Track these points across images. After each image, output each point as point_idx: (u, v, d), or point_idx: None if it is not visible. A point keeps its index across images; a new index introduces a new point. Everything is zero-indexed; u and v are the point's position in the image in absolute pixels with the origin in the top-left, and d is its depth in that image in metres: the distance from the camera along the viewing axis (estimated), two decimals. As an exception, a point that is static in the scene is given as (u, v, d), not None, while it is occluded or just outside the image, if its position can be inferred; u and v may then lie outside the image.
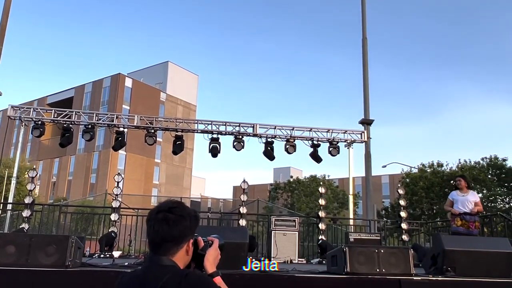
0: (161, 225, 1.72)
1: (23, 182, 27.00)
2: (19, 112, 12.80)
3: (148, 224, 1.77)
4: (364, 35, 15.71)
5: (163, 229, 1.72)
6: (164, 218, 1.74)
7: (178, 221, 1.74)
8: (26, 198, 10.42)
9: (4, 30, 13.84)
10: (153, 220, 1.75)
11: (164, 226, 1.72)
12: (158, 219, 1.74)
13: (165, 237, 1.72)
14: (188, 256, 1.78)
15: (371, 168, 14.63)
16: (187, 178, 63.11)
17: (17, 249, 4.45)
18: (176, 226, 1.73)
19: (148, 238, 1.76)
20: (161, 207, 1.79)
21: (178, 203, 1.83)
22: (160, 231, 1.72)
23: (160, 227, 1.72)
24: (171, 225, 1.72)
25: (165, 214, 1.75)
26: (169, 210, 1.76)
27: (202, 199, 57.13)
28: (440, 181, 32.18)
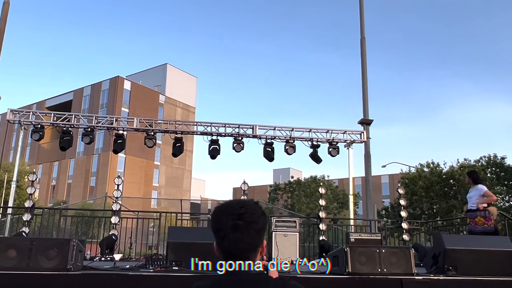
0: (248, 233, 1.57)
1: (22, 186, 26.98)
2: (18, 116, 12.78)
3: (224, 232, 1.57)
4: (363, 35, 15.72)
5: (250, 236, 1.57)
6: (250, 222, 1.59)
7: (262, 224, 1.63)
8: (26, 202, 10.40)
9: (3, 34, 13.84)
10: (235, 228, 1.56)
11: (252, 232, 1.58)
12: (242, 226, 1.57)
13: (253, 244, 1.59)
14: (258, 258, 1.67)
15: (371, 168, 14.65)
16: (187, 180, 63.11)
17: (18, 253, 4.44)
18: (261, 230, 1.62)
19: (228, 248, 1.58)
20: (241, 213, 1.59)
21: (246, 202, 1.67)
22: (246, 239, 1.57)
23: (246, 235, 1.57)
24: (257, 230, 1.60)
25: (247, 219, 1.59)
26: (249, 215, 1.60)
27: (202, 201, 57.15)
28: (439, 180, 32.20)
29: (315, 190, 37.22)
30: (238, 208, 1.60)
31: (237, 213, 1.58)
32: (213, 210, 1.66)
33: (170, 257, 5.12)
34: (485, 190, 8.27)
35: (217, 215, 1.63)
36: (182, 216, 15.79)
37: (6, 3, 14.07)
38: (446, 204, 30.62)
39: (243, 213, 1.58)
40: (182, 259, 5.03)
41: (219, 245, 1.60)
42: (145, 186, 55.58)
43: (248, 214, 1.59)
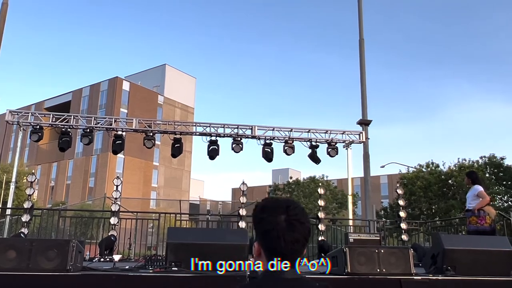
0: (304, 233, 1.49)
1: (21, 187, 26.95)
2: (17, 117, 12.78)
3: (279, 233, 1.46)
4: (361, 36, 15.75)
5: (304, 236, 1.49)
6: (304, 222, 1.50)
7: (310, 224, 1.55)
8: (25, 202, 10.40)
9: (1, 34, 13.84)
10: (292, 228, 1.47)
11: (306, 232, 1.50)
12: (298, 226, 1.48)
13: (305, 245, 1.51)
14: None
15: (370, 169, 14.67)
16: (186, 180, 63.10)
17: (18, 254, 4.45)
18: (310, 231, 1.54)
19: (284, 248, 1.46)
20: (295, 213, 1.50)
21: (291, 201, 1.56)
22: (302, 240, 1.48)
23: (302, 235, 1.49)
24: (309, 231, 1.53)
25: (302, 219, 1.50)
26: (301, 215, 1.51)
27: (201, 201, 57.14)
28: (437, 180, 32.24)
29: (314, 191, 37.25)
30: (291, 208, 1.50)
31: (292, 213, 1.49)
32: (258, 209, 1.54)
33: (170, 257, 5.13)
34: (479, 190, 8.29)
35: (266, 214, 1.51)
36: (181, 217, 15.80)
37: (4, 3, 14.06)
38: (444, 204, 30.65)
39: (297, 213, 1.50)
40: (181, 260, 5.04)
41: (270, 245, 1.48)
42: (144, 187, 55.56)
43: (300, 213, 1.51)
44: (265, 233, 1.50)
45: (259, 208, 1.55)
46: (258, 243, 1.53)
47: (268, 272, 1.49)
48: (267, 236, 1.49)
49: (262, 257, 1.52)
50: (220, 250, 5.20)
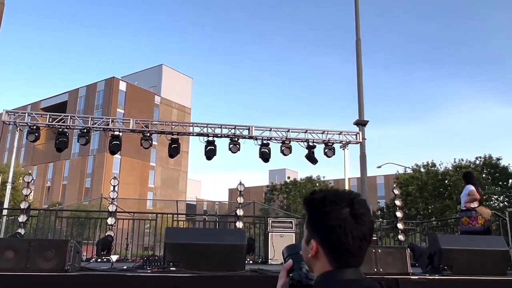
0: (372, 228, 1.35)
1: (17, 187, 26.84)
2: (14, 117, 12.75)
3: (346, 229, 1.29)
4: (358, 36, 15.79)
5: (371, 232, 1.34)
6: (370, 216, 1.34)
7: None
8: (22, 203, 10.40)
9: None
10: (360, 223, 1.31)
11: (372, 226, 1.35)
12: (366, 221, 1.32)
13: (370, 242, 1.35)
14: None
15: (366, 169, 14.72)
16: (183, 181, 63.01)
17: (16, 254, 4.45)
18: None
19: (351, 246, 1.30)
20: (361, 206, 1.33)
21: (352, 192, 1.38)
22: (369, 236, 1.33)
23: (370, 231, 1.34)
24: (373, 226, 1.38)
25: (368, 214, 1.34)
26: (367, 208, 1.35)
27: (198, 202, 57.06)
28: (433, 181, 32.37)
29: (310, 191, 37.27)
30: (356, 200, 1.33)
31: (357, 206, 1.32)
32: (316, 202, 1.35)
33: (168, 257, 5.14)
34: (470, 189, 8.28)
35: (330, 208, 1.33)
36: (178, 217, 15.79)
37: (1, 3, 14.00)
38: (440, 204, 30.77)
39: (361, 205, 1.34)
40: (179, 260, 5.05)
41: (336, 243, 1.30)
42: (141, 187, 55.46)
43: (364, 205, 1.35)
44: (330, 229, 1.31)
45: (319, 201, 1.36)
46: (317, 241, 1.34)
47: (330, 274, 1.31)
48: (332, 232, 1.31)
49: (321, 257, 1.33)
50: (218, 250, 5.21)
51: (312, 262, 1.36)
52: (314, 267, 1.36)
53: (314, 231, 1.36)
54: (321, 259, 1.33)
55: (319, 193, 1.39)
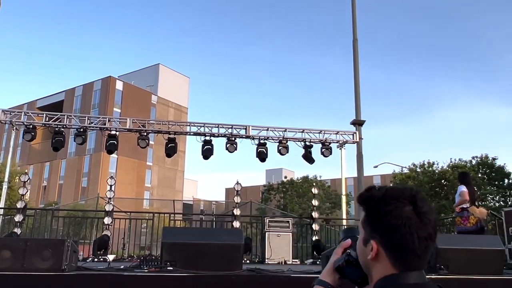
0: (436, 227, 1.25)
1: (13, 187, 26.74)
2: (10, 116, 12.71)
3: (411, 228, 1.20)
4: (355, 36, 15.82)
5: (435, 231, 1.24)
6: (434, 214, 1.25)
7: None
8: (18, 202, 10.36)
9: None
10: (425, 221, 1.22)
11: (436, 226, 1.25)
12: (431, 220, 1.23)
13: (434, 241, 1.25)
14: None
15: (363, 169, 14.74)
16: (179, 180, 62.96)
17: (12, 253, 4.44)
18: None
19: (418, 246, 1.20)
20: (421, 203, 1.23)
21: (413, 188, 1.30)
22: (434, 235, 1.24)
23: (435, 230, 1.24)
24: (437, 225, 1.28)
25: (431, 211, 1.25)
26: (429, 206, 1.26)
27: (195, 201, 57.06)
28: (429, 180, 32.46)
29: (307, 190, 37.33)
30: (418, 198, 1.24)
31: (420, 204, 1.23)
32: (376, 200, 1.26)
33: (165, 257, 5.14)
34: (461, 190, 8.36)
35: (392, 206, 1.23)
36: (175, 217, 15.79)
37: (-3, 3, 13.96)
38: (437, 204, 30.86)
39: (424, 203, 1.24)
40: (176, 259, 5.05)
41: (400, 243, 1.21)
42: (137, 187, 55.37)
43: (427, 203, 1.25)
44: (393, 228, 1.21)
45: (379, 199, 1.26)
46: (377, 241, 1.24)
47: (393, 277, 1.21)
48: (395, 232, 1.21)
49: (382, 259, 1.23)
50: (215, 250, 5.22)
51: (371, 265, 1.26)
52: (373, 269, 1.26)
53: (374, 231, 1.26)
54: (382, 261, 1.23)
55: (378, 191, 1.30)
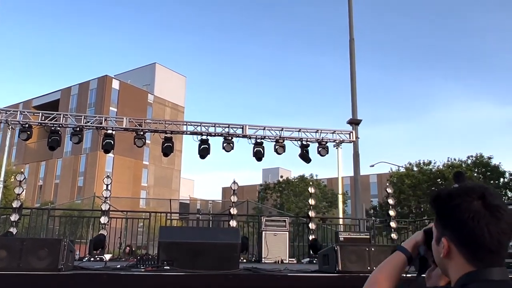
0: (510, 222, 1.19)
1: (9, 186, 26.63)
2: (5, 115, 12.66)
3: (480, 222, 1.16)
4: (351, 36, 15.86)
5: (510, 227, 1.19)
6: (506, 209, 1.20)
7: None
8: (14, 202, 10.32)
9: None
10: (497, 216, 1.17)
11: (511, 221, 1.19)
12: (503, 214, 1.18)
13: (510, 238, 1.20)
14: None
15: (360, 168, 14.79)
16: (176, 180, 62.86)
17: (8, 253, 4.42)
18: None
19: (489, 242, 1.16)
20: (491, 197, 1.20)
21: (486, 185, 1.27)
22: (508, 231, 1.19)
23: (508, 225, 1.18)
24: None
25: (504, 206, 1.21)
26: (501, 200, 1.22)
27: (191, 200, 56.95)
28: (427, 179, 32.58)
29: (304, 190, 37.39)
30: (489, 192, 1.21)
31: (490, 198, 1.20)
32: (443, 196, 1.25)
33: (162, 256, 5.14)
34: None
35: (459, 200, 1.21)
36: (172, 216, 15.76)
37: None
38: (432, 203, 30.94)
39: (496, 197, 1.21)
40: (173, 259, 5.04)
41: (470, 238, 1.17)
42: (134, 186, 55.24)
43: (499, 198, 1.22)
44: (461, 223, 1.19)
45: (446, 194, 1.25)
46: (448, 238, 1.21)
47: (473, 274, 1.17)
48: (464, 227, 1.18)
49: (455, 256, 1.21)
50: (212, 249, 5.22)
51: (446, 263, 1.24)
52: (448, 268, 1.24)
53: (445, 227, 1.24)
54: (455, 259, 1.21)
55: (446, 189, 1.29)
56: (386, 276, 1.40)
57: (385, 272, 1.41)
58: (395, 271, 1.41)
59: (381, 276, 1.41)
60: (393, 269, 1.41)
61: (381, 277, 1.41)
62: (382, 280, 1.38)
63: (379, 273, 1.42)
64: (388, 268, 1.42)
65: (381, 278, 1.40)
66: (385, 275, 1.40)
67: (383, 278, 1.40)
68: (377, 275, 1.42)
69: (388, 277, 1.39)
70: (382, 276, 1.41)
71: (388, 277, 1.39)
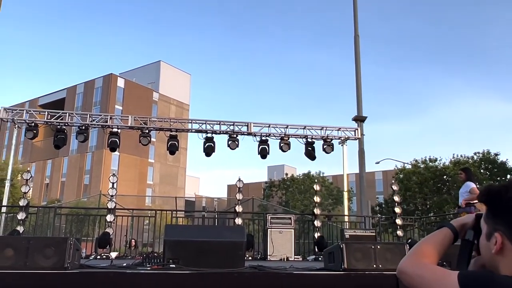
0: None
1: (16, 185, 26.83)
2: (11, 114, 12.72)
3: None
4: (356, 32, 15.79)
5: None
6: None
7: None
8: (21, 200, 10.38)
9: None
10: None
11: None
12: None
13: None
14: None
15: (365, 165, 14.74)
16: (181, 177, 63.04)
17: (15, 252, 4.45)
18: None
19: None
20: None
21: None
22: None
23: None
24: None
25: None
26: None
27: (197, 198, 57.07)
28: (433, 176, 32.45)
29: (309, 187, 37.36)
30: None
31: None
32: (503, 191, 1.20)
33: (167, 255, 5.15)
34: (471, 187, 8.48)
35: None
36: (177, 214, 15.80)
37: (-3, 0, 13.96)
38: (439, 198, 30.84)
39: None
40: (179, 257, 5.05)
41: None
42: (139, 184, 55.45)
43: None
44: None
45: (499, 189, 1.23)
46: (503, 234, 1.17)
47: None
48: None
49: (509, 252, 1.15)
50: (217, 247, 5.22)
51: (497, 260, 1.19)
52: (499, 265, 1.18)
53: (497, 223, 1.19)
54: (509, 255, 1.15)
55: (498, 184, 1.28)
56: (432, 249, 1.36)
57: (431, 245, 1.37)
58: (441, 246, 1.36)
59: (427, 249, 1.36)
60: (440, 244, 1.37)
61: (427, 249, 1.36)
62: (428, 252, 1.34)
63: (425, 245, 1.37)
64: (435, 242, 1.38)
65: (427, 250, 1.35)
66: (431, 249, 1.35)
67: (429, 251, 1.35)
68: (423, 247, 1.37)
69: (435, 251, 1.35)
70: (429, 249, 1.36)
71: (434, 250, 1.35)
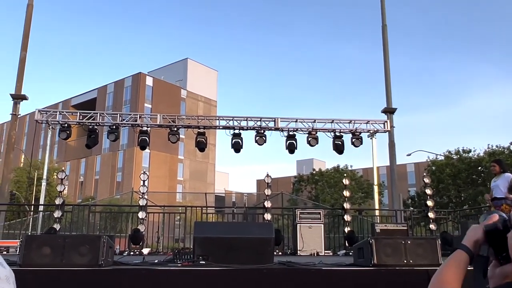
0: None
1: (52, 183, 27.75)
2: (46, 116, 13.14)
3: None
4: (384, 22, 15.50)
5: None
6: None
7: None
8: (57, 199, 10.75)
9: (27, 36, 14.21)
10: None
11: None
12: None
13: None
14: None
15: (396, 157, 14.49)
16: (211, 173, 63.64)
17: (52, 250, 4.62)
18: None
19: None
20: None
21: None
22: None
23: None
24: None
25: None
26: None
27: (226, 194, 57.55)
28: (467, 167, 31.59)
29: (339, 181, 37.00)
30: None
31: None
32: None
33: (197, 251, 5.23)
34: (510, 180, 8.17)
35: None
36: (207, 210, 15.99)
37: (29, 5, 14.40)
38: (474, 190, 30.00)
39: None
40: (208, 254, 5.13)
41: None
42: (170, 181, 56.33)
43: None
44: None
45: None
46: None
47: None
48: None
49: None
50: (246, 244, 5.27)
51: None
52: None
53: None
54: None
55: None
56: (454, 277, 1.30)
57: (451, 272, 1.31)
58: (462, 270, 1.30)
59: (449, 277, 1.31)
60: (459, 269, 1.30)
61: (449, 278, 1.31)
62: (451, 281, 1.28)
63: (446, 274, 1.31)
64: (454, 268, 1.32)
65: (449, 279, 1.30)
66: (452, 276, 1.29)
67: (451, 279, 1.30)
68: (443, 277, 1.32)
69: (456, 278, 1.29)
70: (451, 277, 1.30)
71: (456, 277, 1.29)
